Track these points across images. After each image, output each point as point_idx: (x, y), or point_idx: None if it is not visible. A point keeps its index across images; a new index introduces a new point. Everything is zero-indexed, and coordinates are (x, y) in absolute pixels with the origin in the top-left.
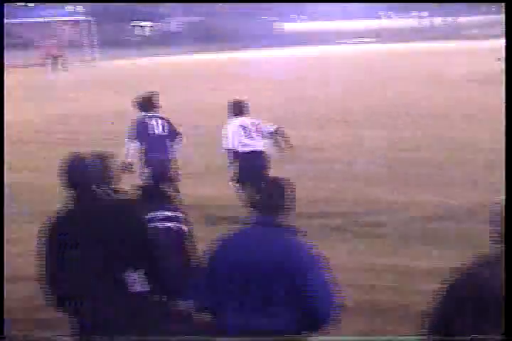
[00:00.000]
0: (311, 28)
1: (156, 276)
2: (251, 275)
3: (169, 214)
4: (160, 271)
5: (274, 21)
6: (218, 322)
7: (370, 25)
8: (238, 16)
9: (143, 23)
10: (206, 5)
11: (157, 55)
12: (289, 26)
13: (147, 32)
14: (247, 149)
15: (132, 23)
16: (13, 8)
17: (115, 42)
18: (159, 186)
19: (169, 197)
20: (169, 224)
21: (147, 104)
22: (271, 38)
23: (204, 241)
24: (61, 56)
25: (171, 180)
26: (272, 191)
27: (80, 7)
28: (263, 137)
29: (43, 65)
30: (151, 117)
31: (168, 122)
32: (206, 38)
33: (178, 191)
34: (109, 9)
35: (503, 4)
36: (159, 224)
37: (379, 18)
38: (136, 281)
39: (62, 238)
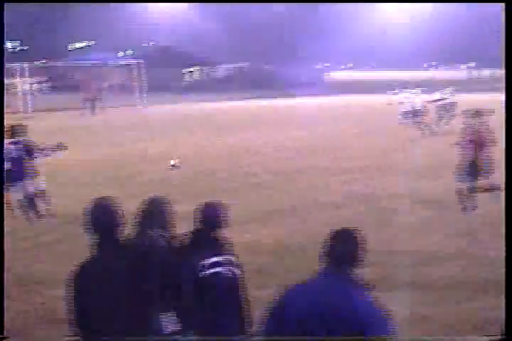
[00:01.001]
0: (358, 77)
1: (207, 319)
2: (315, 325)
3: (221, 259)
4: (210, 313)
5: (323, 69)
6: None
7: (416, 76)
8: (286, 63)
9: (192, 69)
10: (255, 51)
11: (202, 100)
12: (336, 75)
13: (194, 77)
14: None
15: (185, 70)
16: (66, 51)
17: (162, 87)
18: (211, 232)
19: (220, 241)
20: (220, 269)
21: (13, 132)
22: (317, 87)
23: None
24: (97, 100)
25: (223, 226)
26: (350, 244)
27: (129, 51)
28: None
29: (82, 108)
30: (13, 142)
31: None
32: (250, 85)
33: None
34: (158, 55)
35: (503, 4)
36: (213, 270)
37: (426, 69)
38: (169, 322)
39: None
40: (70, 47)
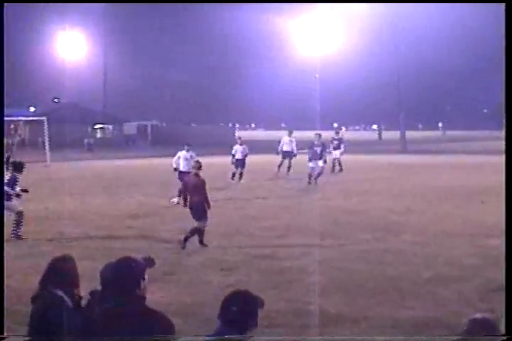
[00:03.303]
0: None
1: None
2: None
3: None
4: None
5: (233, 128)
6: None
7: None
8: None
9: (100, 125)
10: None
11: (106, 158)
12: (243, 134)
13: (101, 134)
14: None
15: (94, 126)
16: None
17: (72, 144)
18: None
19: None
20: None
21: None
22: (225, 146)
23: None
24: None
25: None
26: (246, 309)
27: (32, 108)
28: None
29: None
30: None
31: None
32: (159, 143)
33: None
34: (63, 112)
35: (503, 4)
36: None
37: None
38: None
39: None
40: None
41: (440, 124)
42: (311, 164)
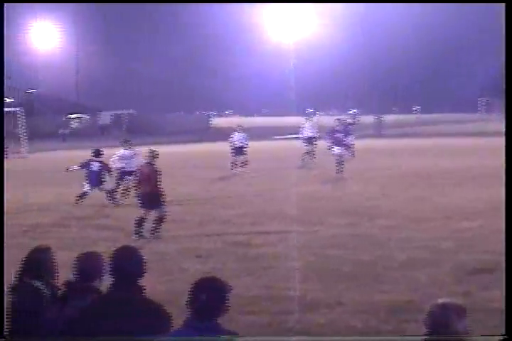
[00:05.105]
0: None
1: None
2: None
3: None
4: None
5: (209, 116)
6: None
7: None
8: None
9: (75, 115)
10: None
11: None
12: (219, 121)
13: (76, 124)
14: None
15: (68, 116)
16: None
17: (47, 134)
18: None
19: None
20: None
21: (96, 153)
22: (200, 133)
23: None
24: None
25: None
26: (213, 299)
27: (10, 99)
28: None
29: None
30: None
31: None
32: (134, 132)
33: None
34: (40, 102)
35: (503, 4)
36: None
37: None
38: None
39: None
40: None
41: (415, 108)
42: (336, 150)
